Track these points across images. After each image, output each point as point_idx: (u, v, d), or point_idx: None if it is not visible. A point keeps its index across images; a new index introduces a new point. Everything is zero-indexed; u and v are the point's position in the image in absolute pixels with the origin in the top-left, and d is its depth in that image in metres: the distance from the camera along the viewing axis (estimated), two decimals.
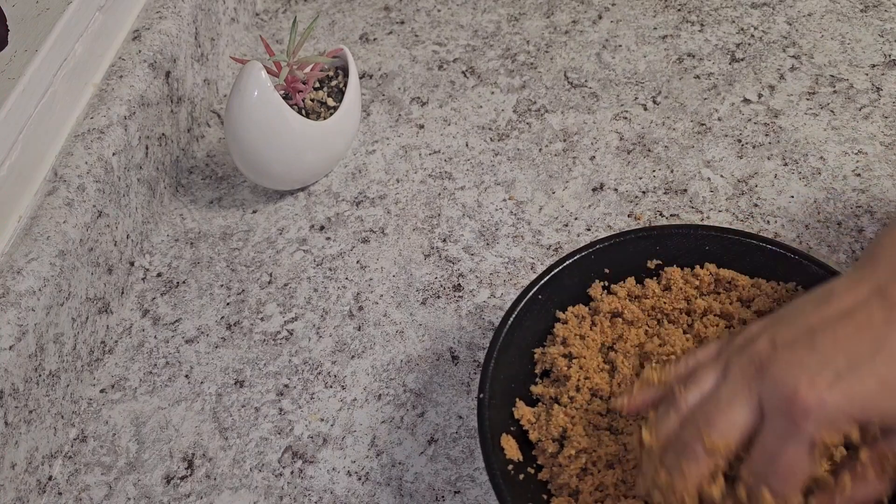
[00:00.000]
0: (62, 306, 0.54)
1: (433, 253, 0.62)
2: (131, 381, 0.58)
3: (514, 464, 0.46)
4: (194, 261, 0.64)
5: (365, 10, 0.82)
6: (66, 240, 0.54)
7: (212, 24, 0.74)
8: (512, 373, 0.49)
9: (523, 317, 0.50)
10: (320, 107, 0.65)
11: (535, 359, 0.51)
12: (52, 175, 0.57)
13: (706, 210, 0.62)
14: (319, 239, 0.64)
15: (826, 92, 0.69)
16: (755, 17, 0.76)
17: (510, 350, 0.49)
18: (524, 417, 0.48)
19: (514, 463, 0.46)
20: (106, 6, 0.64)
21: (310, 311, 0.60)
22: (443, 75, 0.75)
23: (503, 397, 0.48)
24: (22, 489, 0.50)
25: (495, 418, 0.47)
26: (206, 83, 0.73)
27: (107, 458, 0.54)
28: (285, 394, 0.56)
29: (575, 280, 0.52)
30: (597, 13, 0.78)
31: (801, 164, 0.64)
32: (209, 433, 0.55)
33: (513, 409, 0.48)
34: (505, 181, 0.66)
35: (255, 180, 0.65)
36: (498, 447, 0.45)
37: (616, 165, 0.66)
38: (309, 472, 0.52)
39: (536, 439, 0.48)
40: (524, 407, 0.48)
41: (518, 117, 0.70)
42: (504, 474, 0.44)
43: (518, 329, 0.50)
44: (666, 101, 0.70)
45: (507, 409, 0.48)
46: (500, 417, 0.47)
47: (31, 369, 0.51)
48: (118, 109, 0.61)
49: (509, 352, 0.49)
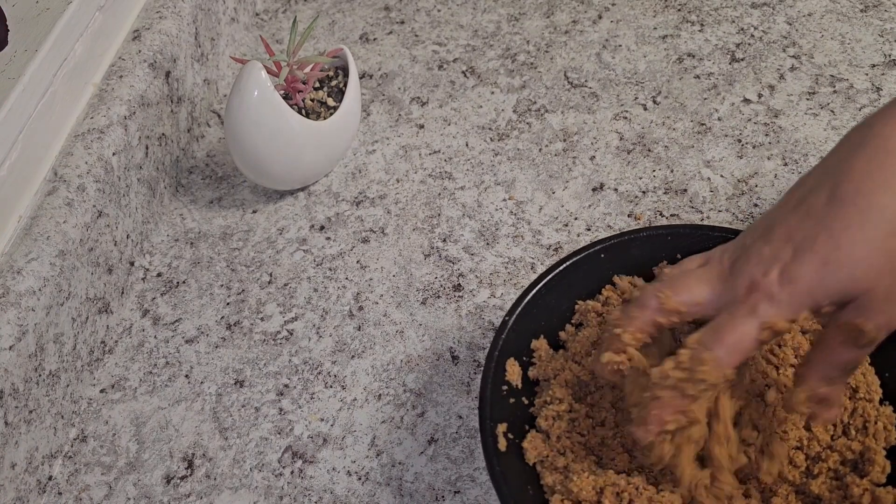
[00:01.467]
0: (62, 306, 0.54)
1: (433, 253, 0.62)
2: (131, 381, 0.58)
3: (512, 388, 0.49)
4: (194, 261, 0.64)
5: (365, 10, 0.82)
6: (66, 240, 0.54)
7: (212, 24, 0.74)
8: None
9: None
10: (320, 107, 0.65)
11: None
12: (52, 175, 0.57)
13: (706, 210, 0.62)
14: (319, 239, 0.64)
15: (826, 92, 0.69)
16: (755, 17, 0.76)
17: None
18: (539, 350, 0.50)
19: (512, 387, 0.49)
20: (106, 6, 0.64)
21: (310, 311, 0.60)
22: (443, 75, 0.75)
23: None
24: (22, 489, 0.50)
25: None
26: (206, 83, 0.73)
27: (107, 458, 0.54)
28: (285, 394, 0.56)
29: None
30: (597, 13, 0.78)
31: (801, 164, 0.64)
32: (209, 433, 0.55)
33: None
34: (505, 181, 0.66)
35: (255, 180, 0.65)
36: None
37: (616, 165, 0.66)
38: (309, 472, 0.52)
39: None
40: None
41: (518, 117, 0.70)
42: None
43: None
44: (666, 101, 0.70)
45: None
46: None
47: (31, 369, 0.51)
48: (118, 109, 0.61)
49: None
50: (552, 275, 0.52)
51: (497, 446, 0.46)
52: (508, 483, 0.44)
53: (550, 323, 0.52)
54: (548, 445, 0.47)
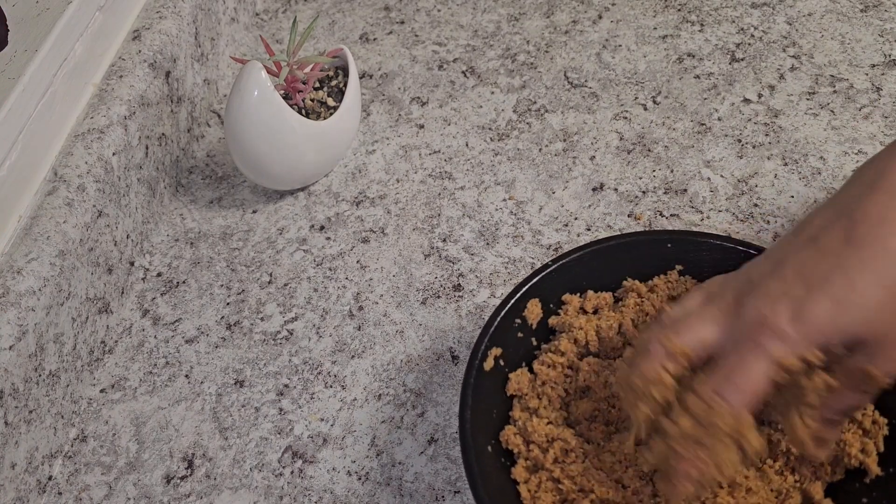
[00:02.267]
0: (62, 306, 0.54)
1: (433, 253, 0.62)
2: (131, 381, 0.58)
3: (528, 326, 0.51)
4: (194, 261, 0.64)
5: (365, 10, 0.82)
6: (66, 240, 0.54)
7: (212, 23, 0.74)
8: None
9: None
10: (320, 107, 0.65)
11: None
12: (52, 175, 0.57)
13: (706, 210, 0.62)
14: (319, 239, 0.64)
15: (826, 92, 0.69)
16: (755, 17, 0.76)
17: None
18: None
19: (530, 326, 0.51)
20: (106, 6, 0.64)
21: (310, 311, 0.60)
22: (443, 75, 0.75)
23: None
24: (22, 489, 0.50)
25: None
26: (206, 83, 0.73)
27: (107, 458, 0.54)
28: (285, 394, 0.56)
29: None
30: (597, 13, 0.78)
31: (801, 164, 0.64)
32: (209, 433, 0.55)
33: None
34: (505, 181, 0.66)
35: (255, 180, 0.65)
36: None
37: (616, 165, 0.66)
38: (309, 472, 0.52)
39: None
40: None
41: (518, 117, 0.70)
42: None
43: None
44: (666, 101, 0.70)
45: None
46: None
47: (31, 369, 0.51)
48: (118, 109, 0.61)
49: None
50: (612, 243, 0.52)
51: (483, 364, 0.48)
52: (477, 395, 0.46)
53: (591, 286, 0.52)
54: (531, 386, 0.49)
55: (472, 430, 0.45)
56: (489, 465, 0.45)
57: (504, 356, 0.49)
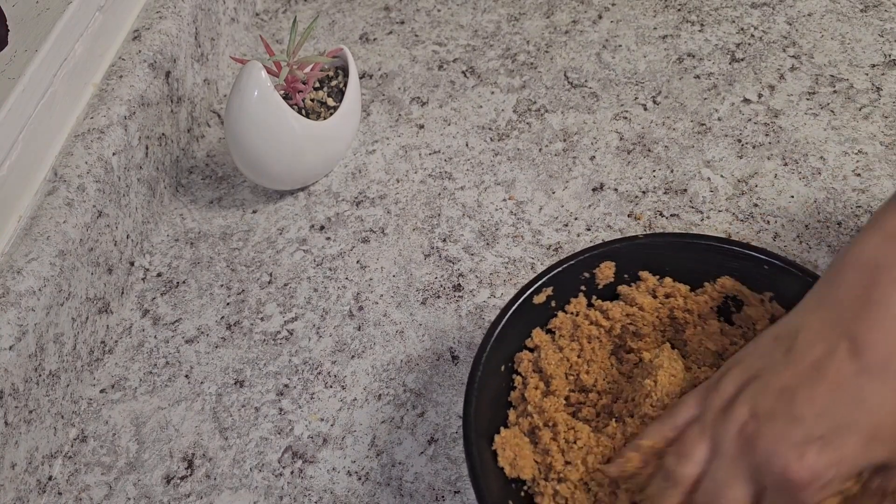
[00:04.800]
0: (62, 306, 0.54)
1: (433, 253, 0.62)
2: (131, 381, 0.58)
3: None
4: (194, 261, 0.64)
5: (365, 10, 0.82)
6: (66, 240, 0.54)
7: (212, 24, 0.74)
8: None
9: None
10: (320, 107, 0.65)
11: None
12: (52, 175, 0.57)
13: (706, 210, 0.62)
14: (319, 239, 0.64)
15: (826, 92, 0.69)
16: (755, 17, 0.76)
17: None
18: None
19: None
20: (106, 6, 0.64)
21: (310, 311, 0.60)
22: (443, 75, 0.75)
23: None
24: (22, 489, 0.50)
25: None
26: (206, 83, 0.73)
27: (107, 458, 0.54)
28: (285, 394, 0.56)
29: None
30: (597, 13, 0.78)
31: (801, 164, 0.64)
32: (209, 433, 0.55)
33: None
34: (505, 181, 0.66)
35: (255, 180, 0.65)
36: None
37: (616, 165, 0.66)
38: (309, 472, 0.52)
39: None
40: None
41: (518, 117, 0.70)
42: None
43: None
44: (666, 101, 0.70)
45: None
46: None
47: (31, 369, 0.51)
48: (118, 109, 0.61)
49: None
50: (709, 242, 0.51)
51: (534, 297, 0.49)
52: (502, 336, 0.48)
53: (672, 274, 0.51)
54: (554, 342, 0.50)
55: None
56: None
57: (556, 294, 0.50)
